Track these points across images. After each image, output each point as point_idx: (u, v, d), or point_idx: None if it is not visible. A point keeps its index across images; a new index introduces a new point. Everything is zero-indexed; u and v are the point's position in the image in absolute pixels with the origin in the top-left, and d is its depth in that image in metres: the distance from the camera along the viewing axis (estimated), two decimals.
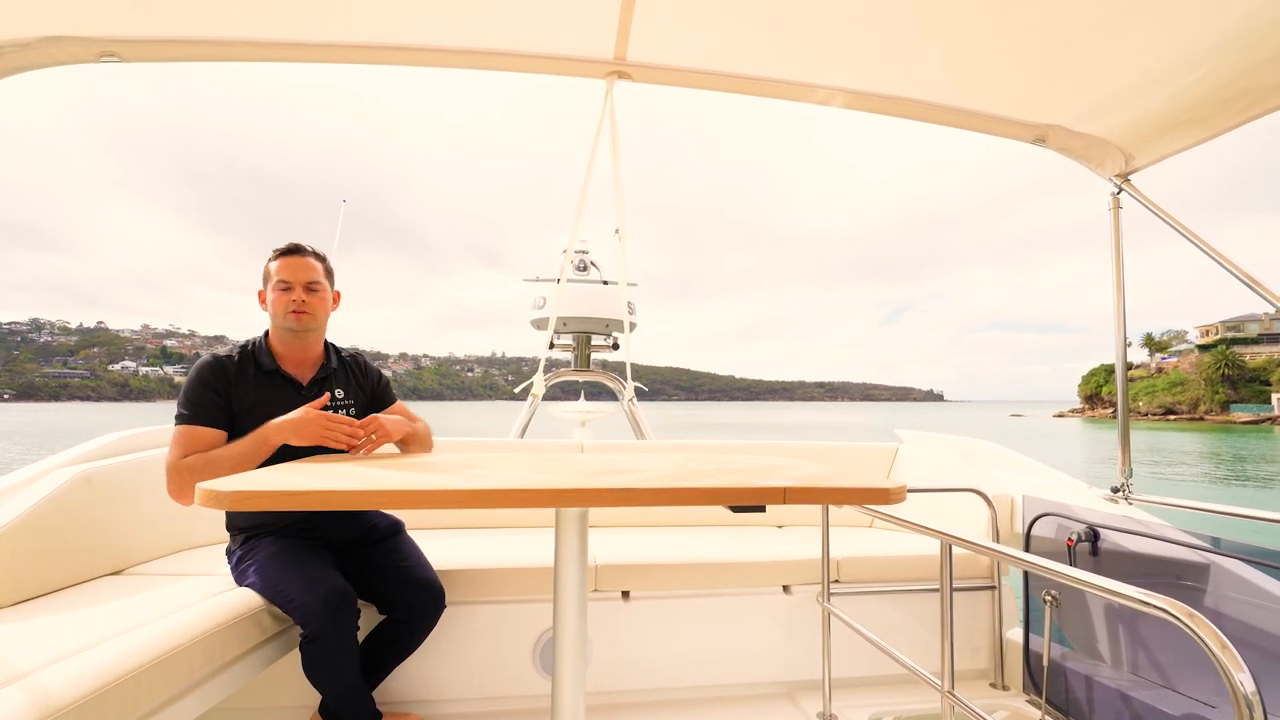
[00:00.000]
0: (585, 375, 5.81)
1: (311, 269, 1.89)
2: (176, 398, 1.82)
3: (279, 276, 1.86)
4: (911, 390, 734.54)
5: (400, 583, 1.87)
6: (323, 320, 1.94)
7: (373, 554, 1.93)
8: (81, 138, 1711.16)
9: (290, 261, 1.88)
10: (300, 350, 1.93)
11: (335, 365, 2.00)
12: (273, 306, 1.87)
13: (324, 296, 1.93)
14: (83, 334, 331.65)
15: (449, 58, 2.07)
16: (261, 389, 1.85)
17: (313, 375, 1.95)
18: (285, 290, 1.86)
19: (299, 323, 1.86)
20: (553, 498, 1.08)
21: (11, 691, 1.09)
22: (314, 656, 1.62)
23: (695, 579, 2.27)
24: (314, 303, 1.88)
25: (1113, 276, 2.42)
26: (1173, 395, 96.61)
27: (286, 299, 1.85)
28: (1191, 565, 1.87)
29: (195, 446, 1.73)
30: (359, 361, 2.09)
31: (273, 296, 1.87)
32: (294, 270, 1.87)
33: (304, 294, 1.87)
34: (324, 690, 1.70)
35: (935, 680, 1.58)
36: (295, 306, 1.85)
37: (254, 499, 1.01)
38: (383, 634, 1.90)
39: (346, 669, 1.67)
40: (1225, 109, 1.92)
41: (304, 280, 1.87)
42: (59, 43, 1.79)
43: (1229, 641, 0.84)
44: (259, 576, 1.72)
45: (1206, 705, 1.72)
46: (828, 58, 2.03)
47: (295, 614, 1.63)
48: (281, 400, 1.84)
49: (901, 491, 1.16)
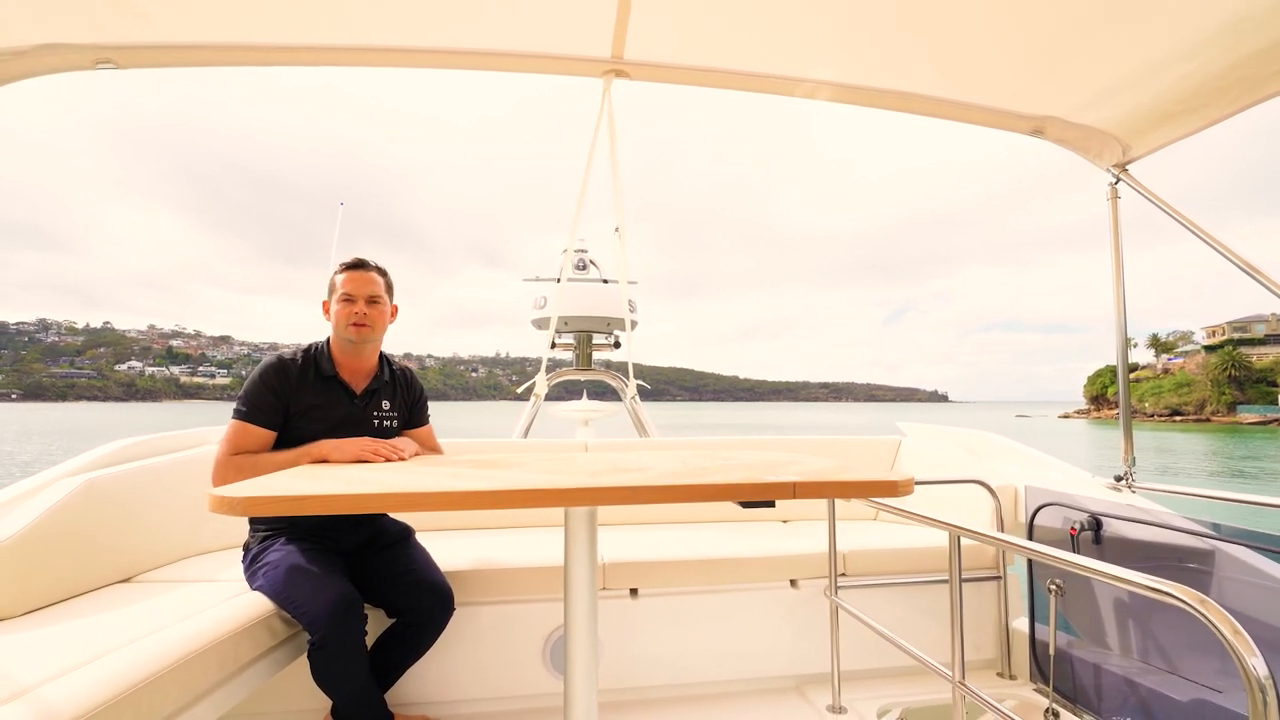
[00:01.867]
0: (587, 374, 5.81)
1: (374, 283, 2.00)
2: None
3: (343, 290, 1.97)
4: (916, 391, 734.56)
5: (409, 587, 1.89)
6: (381, 333, 2.04)
7: (382, 559, 1.95)
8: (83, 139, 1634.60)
9: (355, 275, 1.98)
10: (357, 360, 2.02)
11: (387, 378, 2.10)
12: (336, 317, 1.98)
13: (383, 310, 2.02)
14: (89, 334, 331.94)
15: (446, 59, 2.07)
16: (319, 393, 1.95)
17: (366, 385, 2.04)
18: (348, 303, 1.96)
19: (359, 334, 1.96)
20: (562, 497, 1.09)
21: (16, 707, 1.08)
22: (321, 663, 1.63)
23: (703, 575, 2.28)
24: (374, 315, 1.98)
25: (1112, 267, 2.43)
26: (1179, 396, 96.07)
27: (349, 311, 1.95)
28: (1196, 551, 1.88)
29: (246, 445, 1.84)
30: (407, 375, 2.20)
31: (336, 308, 1.97)
32: (358, 284, 1.97)
33: (365, 307, 1.97)
34: (333, 696, 1.71)
35: (946, 671, 1.59)
36: (356, 319, 1.95)
37: (264, 504, 1.01)
38: (392, 637, 1.91)
39: (354, 675, 1.68)
40: (1221, 97, 1.93)
41: (366, 294, 1.97)
42: (55, 50, 1.79)
43: (1241, 626, 0.85)
44: (267, 580, 1.74)
45: (1213, 690, 1.73)
46: (824, 52, 2.03)
47: (302, 620, 1.65)
48: (335, 405, 1.97)
49: (909, 484, 1.16)
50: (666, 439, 3.45)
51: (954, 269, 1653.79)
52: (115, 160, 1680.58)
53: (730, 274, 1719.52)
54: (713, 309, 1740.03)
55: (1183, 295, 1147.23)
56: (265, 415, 1.86)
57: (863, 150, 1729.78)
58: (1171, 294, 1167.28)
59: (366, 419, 2.02)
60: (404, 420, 2.15)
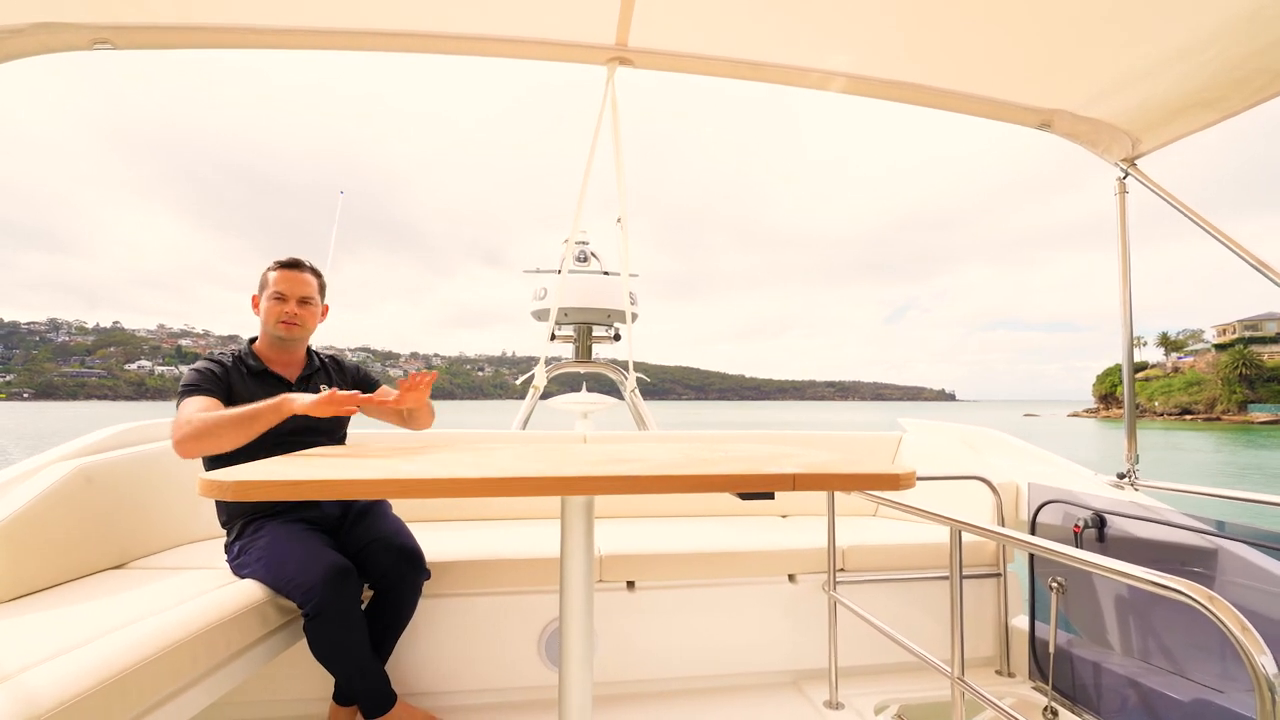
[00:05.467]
0: (587, 367, 5.79)
1: (307, 284, 2.04)
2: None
3: (275, 287, 1.99)
4: (923, 390, 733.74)
5: (381, 550, 1.89)
6: (309, 332, 2.09)
7: (355, 528, 1.97)
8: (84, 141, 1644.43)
9: (288, 275, 2.01)
10: (286, 354, 2.08)
11: (318, 365, 2.16)
12: (266, 314, 2.01)
13: (314, 310, 2.07)
14: (99, 334, 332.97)
15: (449, 44, 2.05)
16: (255, 387, 1.95)
17: (299, 373, 2.09)
18: (280, 301, 1.99)
19: (289, 332, 2.01)
20: (560, 485, 1.07)
21: None
22: (318, 634, 1.63)
23: (700, 569, 2.27)
24: (305, 315, 2.03)
25: (1119, 263, 2.40)
26: (1189, 395, 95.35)
27: (280, 309, 1.99)
28: (1200, 550, 1.86)
29: (201, 408, 1.78)
30: (336, 361, 2.26)
31: (267, 305, 2.00)
32: (290, 284, 2.00)
33: (296, 307, 2.01)
34: (335, 670, 1.71)
35: (945, 667, 1.58)
36: (287, 318, 1.99)
37: (256, 489, 1.00)
38: (371, 610, 1.91)
39: (355, 645, 1.69)
40: (1237, 90, 1.89)
41: (298, 294, 2.01)
42: (52, 30, 1.77)
43: (1249, 624, 0.83)
44: (260, 564, 1.74)
45: (1215, 690, 1.71)
46: (830, 42, 2.00)
47: (296, 593, 1.65)
48: (274, 395, 1.89)
49: (911, 477, 1.14)
50: (666, 432, 3.43)
51: (954, 267, 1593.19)
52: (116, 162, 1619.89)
53: (729, 272, 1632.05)
54: (713, 308, 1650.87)
55: (1192, 293, 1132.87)
56: (210, 385, 1.85)
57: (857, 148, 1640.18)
58: (1181, 292, 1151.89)
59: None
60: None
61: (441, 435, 2.75)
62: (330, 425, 2.07)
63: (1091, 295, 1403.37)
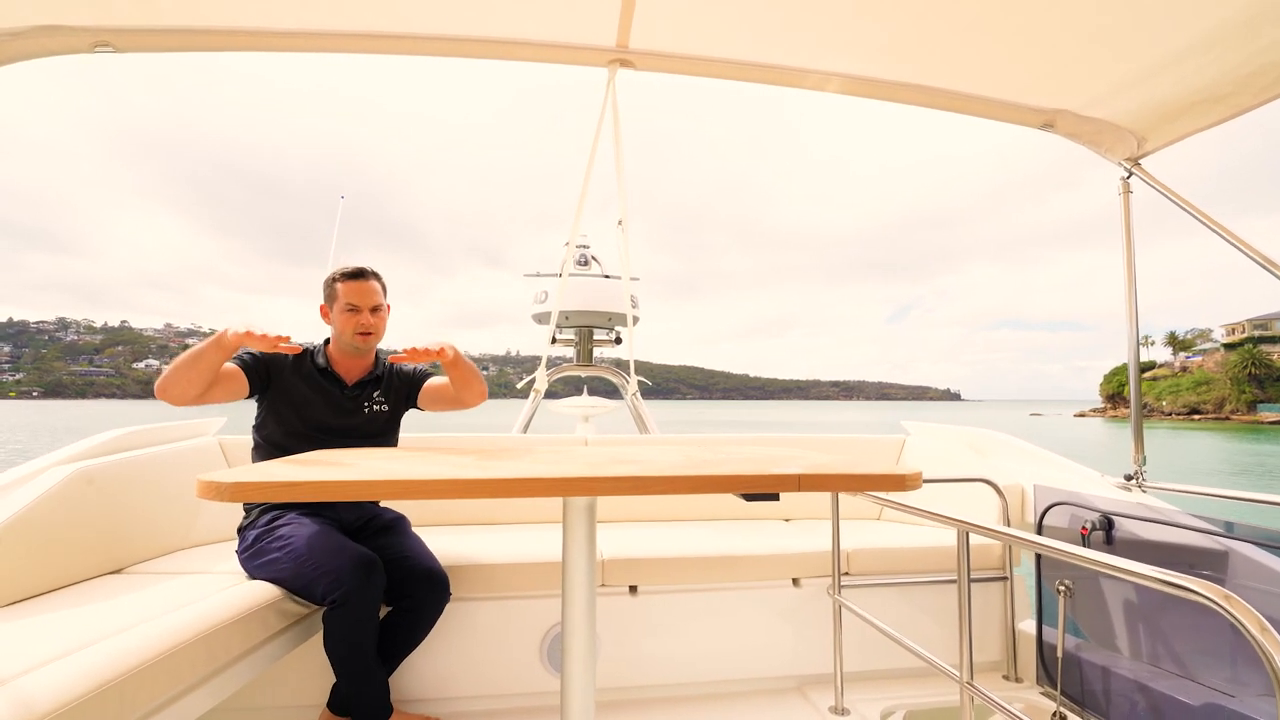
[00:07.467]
0: (588, 370, 5.78)
1: (375, 293, 2.07)
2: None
3: (347, 300, 2.03)
4: (928, 389, 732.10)
5: (407, 573, 1.88)
6: (382, 335, 2.13)
7: (378, 544, 1.95)
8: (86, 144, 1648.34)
9: (357, 286, 2.03)
10: (357, 360, 2.13)
11: (380, 372, 2.18)
12: (340, 326, 2.05)
13: (384, 316, 2.12)
14: (107, 333, 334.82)
15: (450, 46, 2.04)
16: (310, 383, 2.03)
17: (360, 378, 2.13)
18: (354, 312, 2.03)
19: (365, 343, 2.06)
20: (562, 486, 1.06)
21: None
22: (339, 624, 1.64)
23: (703, 573, 2.25)
24: (378, 323, 2.08)
25: (1124, 262, 2.39)
26: (1197, 395, 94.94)
27: (355, 321, 2.03)
28: (1209, 552, 1.84)
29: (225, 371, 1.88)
30: (402, 369, 2.27)
31: (340, 317, 2.04)
32: (361, 295, 2.03)
33: (370, 316, 2.04)
34: (342, 669, 1.70)
35: (954, 672, 1.56)
36: (362, 329, 2.03)
37: (255, 490, 0.99)
38: (388, 625, 1.89)
39: (365, 646, 1.68)
40: (1244, 87, 1.87)
41: (370, 304, 2.05)
42: (53, 32, 1.77)
43: (1269, 624, 0.82)
44: (282, 552, 1.74)
45: (1226, 694, 1.69)
46: (832, 43, 1.99)
47: (322, 581, 1.65)
48: (325, 397, 2.04)
49: (917, 478, 1.13)
50: (668, 435, 3.42)
51: (957, 266, 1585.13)
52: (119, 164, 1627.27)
53: (731, 272, 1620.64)
54: (715, 307, 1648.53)
55: (1200, 292, 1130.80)
56: (240, 356, 1.93)
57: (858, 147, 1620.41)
58: (1188, 291, 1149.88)
59: (357, 407, 2.09)
60: (402, 402, 2.20)
61: (442, 439, 2.76)
62: (379, 429, 2.12)
63: (1096, 294, 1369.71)
